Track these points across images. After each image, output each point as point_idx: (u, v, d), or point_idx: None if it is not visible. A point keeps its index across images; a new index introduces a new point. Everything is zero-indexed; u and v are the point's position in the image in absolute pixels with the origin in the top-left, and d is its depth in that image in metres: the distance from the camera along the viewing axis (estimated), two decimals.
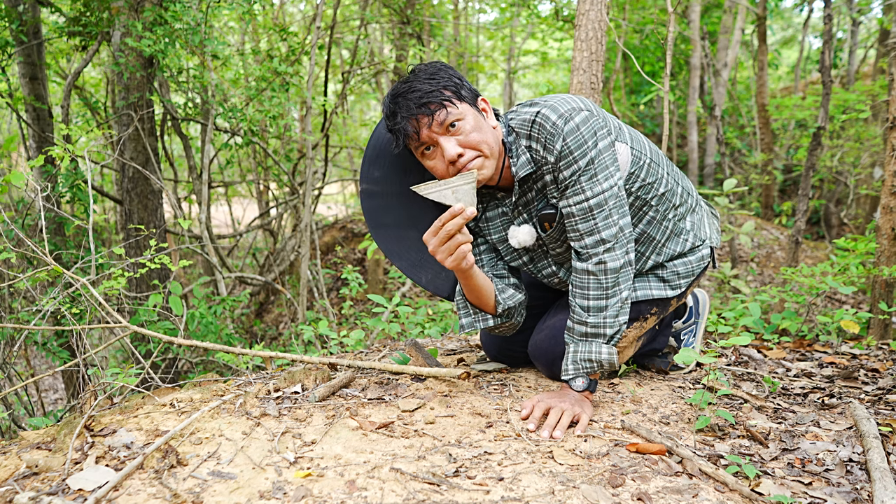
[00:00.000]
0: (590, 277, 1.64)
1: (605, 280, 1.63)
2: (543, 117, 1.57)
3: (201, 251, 4.99)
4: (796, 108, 8.70)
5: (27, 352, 4.39)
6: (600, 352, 1.65)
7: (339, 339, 2.78)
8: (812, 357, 2.35)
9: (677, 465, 1.37)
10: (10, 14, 4.37)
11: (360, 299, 6.67)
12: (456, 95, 1.57)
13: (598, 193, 1.59)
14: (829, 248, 7.37)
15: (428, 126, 1.54)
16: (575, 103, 1.58)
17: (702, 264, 1.85)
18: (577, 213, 1.61)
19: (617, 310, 1.65)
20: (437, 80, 1.56)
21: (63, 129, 2.66)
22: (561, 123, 1.55)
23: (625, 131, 1.71)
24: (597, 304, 1.64)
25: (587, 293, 1.65)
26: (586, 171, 1.57)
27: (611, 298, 1.64)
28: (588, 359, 1.66)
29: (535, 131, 1.59)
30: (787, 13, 14.42)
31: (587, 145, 1.56)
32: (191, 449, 1.35)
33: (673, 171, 1.83)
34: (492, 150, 1.60)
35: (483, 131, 1.58)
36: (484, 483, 1.26)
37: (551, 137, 1.56)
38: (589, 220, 1.61)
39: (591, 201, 1.59)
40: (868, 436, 1.52)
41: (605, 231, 1.61)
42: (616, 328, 1.66)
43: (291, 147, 6.97)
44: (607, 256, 1.62)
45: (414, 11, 5.93)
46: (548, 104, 1.59)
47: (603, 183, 1.58)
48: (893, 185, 2.75)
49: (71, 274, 2.09)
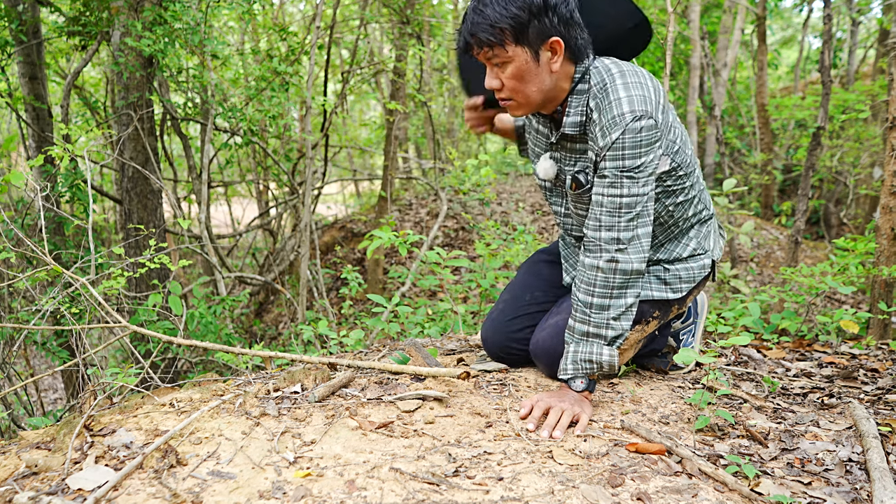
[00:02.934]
0: (598, 274, 1.63)
1: (613, 279, 1.62)
2: (619, 104, 1.54)
3: (201, 251, 4.99)
4: (796, 108, 8.70)
5: (27, 351, 4.39)
6: (601, 353, 1.65)
7: (338, 338, 2.78)
8: (811, 357, 2.36)
9: (677, 465, 1.38)
10: (9, 14, 4.37)
11: (360, 299, 6.67)
12: (514, 36, 1.52)
13: (633, 195, 1.59)
14: (828, 248, 7.37)
15: (477, 52, 1.57)
16: (650, 107, 1.54)
17: (703, 272, 1.86)
18: (606, 204, 1.61)
19: (619, 313, 1.64)
20: (507, 9, 1.50)
21: (63, 128, 2.66)
22: (629, 118, 1.53)
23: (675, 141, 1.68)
24: (600, 303, 1.63)
25: (592, 290, 1.64)
26: (630, 172, 1.57)
27: (615, 299, 1.63)
28: (588, 359, 1.65)
29: (605, 113, 1.56)
30: (786, 13, 14.42)
31: (641, 150, 1.55)
32: (190, 449, 1.35)
33: (698, 183, 1.82)
34: (529, 99, 1.60)
35: (525, 81, 1.57)
36: (483, 483, 1.26)
37: (613, 125, 1.54)
38: (614, 216, 1.60)
39: (624, 199, 1.59)
40: (867, 435, 1.52)
41: (623, 232, 1.61)
42: (618, 331, 1.65)
43: (291, 147, 6.97)
44: (620, 256, 1.61)
45: (414, 11, 5.93)
46: (629, 92, 1.54)
47: (642, 188, 1.59)
48: (893, 185, 2.75)
49: (70, 274, 2.09)
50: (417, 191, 8.95)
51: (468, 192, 7.28)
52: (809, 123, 8.88)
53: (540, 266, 2.11)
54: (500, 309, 2.02)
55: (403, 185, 9.44)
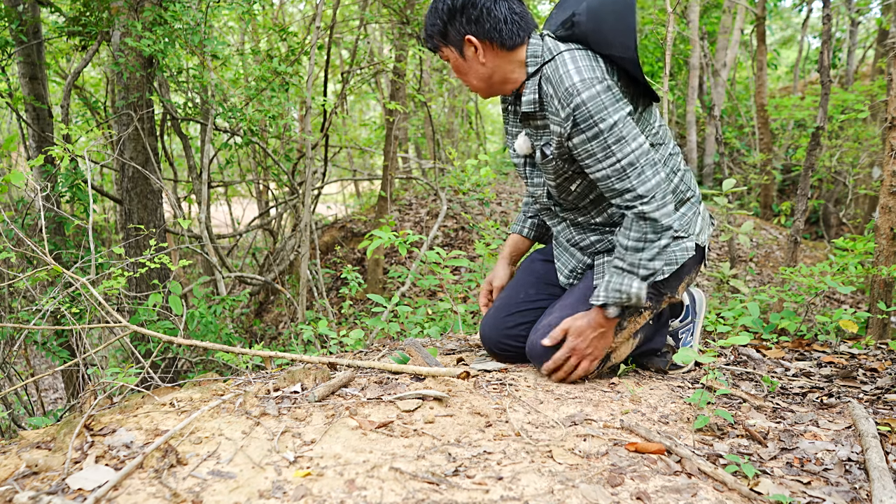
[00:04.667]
0: (632, 223, 1.73)
1: (645, 226, 1.71)
2: (568, 76, 1.66)
3: (201, 251, 4.99)
4: (795, 108, 8.71)
5: (27, 351, 4.39)
6: (631, 285, 1.75)
7: (338, 338, 2.78)
8: (811, 356, 2.36)
9: (676, 465, 1.38)
10: (9, 14, 4.37)
11: (360, 299, 6.67)
12: (442, 39, 1.78)
13: (628, 154, 1.67)
14: (827, 248, 7.37)
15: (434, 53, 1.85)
16: (599, 74, 1.67)
17: (685, 255, 1.88)
18: (611, 174, 1.69)
19: (653, 254, 1.73)
20: (430, 20, 1.77)
21: (63, 128, 2.66)
22: (581, 87, 1.65)
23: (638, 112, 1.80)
24: (634, 246, 1.73)
25: (628, 234, 1.74)
26: (610, 135, 1.65)
27: (648, 244, 1.73)
28: (618, 289, 1.75)
29: (558, 86, 1.68)
30: (785, 13, 14.42)
31: (608, 110, 1.64)
32: (190, 448, 1.35)
33: (673, 160, 1.90)
34: (475, 87, 1.82)
35: (464, 72, 1.81)
36: (483, 482, 1.26)
37: (568, 95, 1.66)
38: (625, 180, 1.69)
39: (622, 162, 1.67)
40: (867, 435, 1.52)
41: (640, 187, 1.68)
42: (650, 270, 1.75)
43: (291, 147, 6.97)
44: (646, 208, 1.69)
45: (413, 11, 5.93)
46: (576, 64, 1.67)
47: (631, 143, 1.67)
48: (892, 184, 2.75)
49: (71, 273, 2.09)
50: (417, 191, 8.95)
51: (468, 192, 7.28)
52: (808, 123, 8.88)
53: (536, 265, 2.16)
54: (497, 306, 2.07)
55: (403, 185, 9.44)
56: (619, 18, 1.71)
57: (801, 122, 9.35)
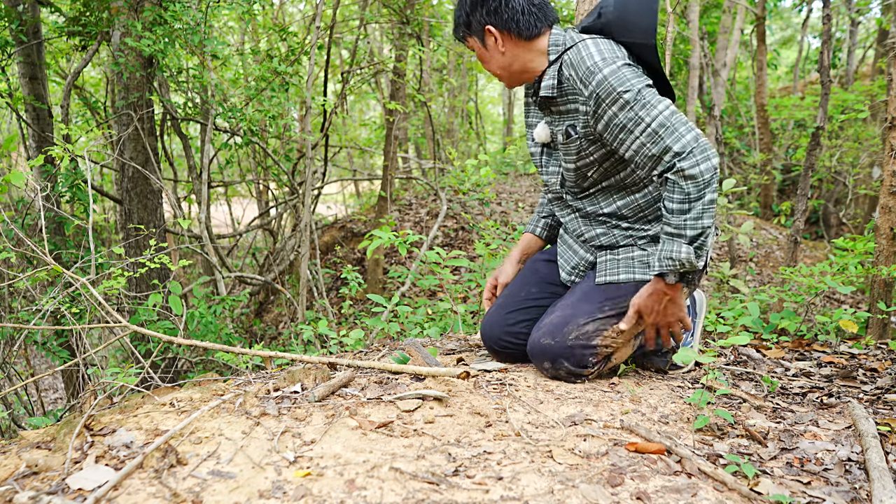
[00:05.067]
0: (673, 185, 1.69)
1: (686, 185, 1.67)
2: (589, 56, 1.72)
3: (201, 251, 4.99)
4: (795, 108, 8.71)
5: (27, 351, 4.39)
6: (680, 251, 1.72)
7: (338, 338, 2.78)
8: (811, 356, 2.36)
9: (676, 465, 1.38)
10: (9, 14, 4.37)
11: (360, 299, 6.67)
12: (466, 31, 1.87)
13: (657, 115, 1.68)
14: (827, 248, 7.37)
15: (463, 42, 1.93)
16: (620, 53, 1.75)
17: None
18: (645, 140, 1.69)
19: (699, 213, 1.69)
20: (457, 11, 1.87)
21: (63, 128, 2.66)
22: (601, 64, 1.70)
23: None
24: (679, 208, 1.70)
25: (672, 197, 1.71)
26: (637, 102, 1.68)
27: (693, 202, 1.68)
28: (669, 257, 1.73)
29: (580, 66, 1.74)
30: (785, 13, 14.42)
31: (630, 81, 1.69)
32: (190, 448, 1.35)
33: None
34: (497, 75, 1.91)
35: (486, 62, 1.89)
36: (483, 482, 1.26)
37: (590, 73, 1.72)
38: (659, 142, 1.68)
39: (653, 125, 1.68)
40: (867, 435, 1.52)
41: (676, 144, 1.66)
42: (698, 230, 1.70)
43: (291, 147, 6.97)
44: (684, 164, 1.66)
45: (413, 11, 5.93)
46: (597, 47, 1.74)
47: (659, 105, 1.68)
48: (892, 184, 2.75)
49: (70, 273, 2.09)
50: (417, 191, 8.95)
51: (468, 192, 7.28)
52: (808, 123, 8.89)
53: (538, 265, 2.17)
54: (499, 304, 2.09)
55: (403, 185, 9.44)
56: (644, 6, 1.78)
57: (801, 122, 9.35)
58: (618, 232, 1.94)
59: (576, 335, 1.85)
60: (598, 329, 1.86)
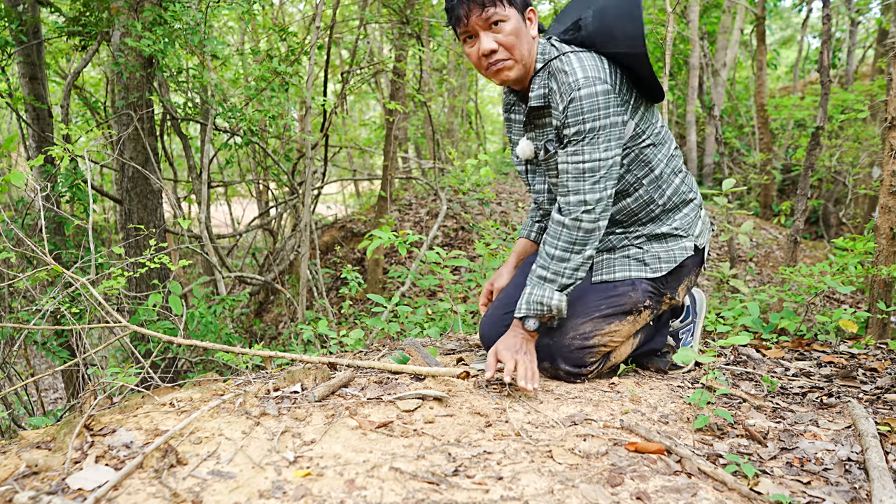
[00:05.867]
0: (563, 230, 1.77)
1: (575, 236, 1.76)
2: (572, 72, 1.69)
3: (201, 251, 4.99)
4: (795, 108, 8.71)
5: (27, 351, 4.39)
6: (552, 297, 1.78)
7: (338, 338, 2.78)
8: (811, 356, 2.36)
9: (676, 465, 1.38)
10: (9, 14, 4.37)
11: (360, 299, 6.67)
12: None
13: (595, 160, 1.71)
14: (827, 248, 7.37)
15: (477, 16, 1.70)
16: (603, 75, 1.70)
17: (684, 253, 1.90)
18: (571, 170, 1.74)
19: (578, 265, 1.78)
20: None
21: (63, 128, 2.66)
22: (583, 83, 1.67)
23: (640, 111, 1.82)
24: (560, 255, 1.78)
25: (556, 243, 1.78)
26: (590, 137, 1.69)
27: (575, 254, 1.77)
28: (540, 301, 1.78)
29: (561, 80, 1.71)
30: (785, 13, 14.42)
31: (600, 113, 1.68)
32: (190, 448, 1.35)
33: (673, 161, 1.91)
34: (523, 57, 1.76)
35: (521, 38, 1.74)
36: (483, 482, 1.26)
37: (568, 89, 1.69)
38: (579, 181, 1.73)
39: (586, 165, 1.72)
40: (866, 435, 1.52)
41: (590, 195, 1.73)
42: (572, 280, 1.79)
43: (291, 147, 6.97)
44: (585, 217, 1.74)
45: (413, 11, 5.93)
46: (581, 63, 1.70)
47: (602, 153, 1.71)
48: (892, 184, 2.75)
49: (70, 273, 2.09)
50: (417, 191, 8.95)
51: (468, 192, 7.28)
52: (808, 123, 8.89)
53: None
54: (496, 304, 2.10)
55: (403, 185, 9.44)
56: (624, 13, 1.73)
57: (801, 122, 9.35)
58: (613, 237, 1.94)
59: (573, 335, 1.85)
60: (596, 328, 1.86)
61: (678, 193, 1.90)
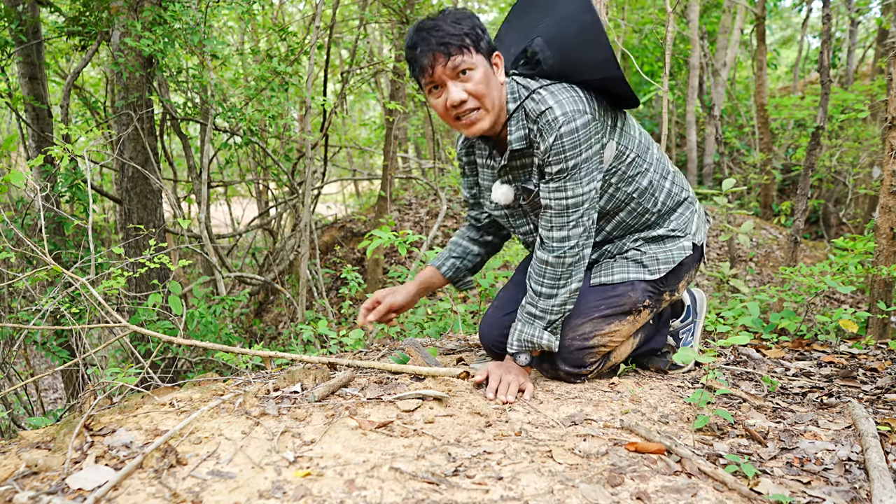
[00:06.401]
0: (547, 268, 1.77)
1: (560, 272, 1.76)
2: (550, 111, 1.65)
3: (201, 251, 4.99)
4: (795, 108, 8.71)
5: (27, 351, 4.39)
6: (541, 336, 1.80)
7: (338, 338, 2.78)
8: (811, 356, 2.36)
9: (676, 465, 1.38)
10: (9, 14, 4.37)
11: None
12: (475, 45, 1.64)
13: (577, 195, 1.70)
14: (827, 248, 7.37)
15: (442, 66, 1.62)
16: (581, 105, 1.65)
17: (682, 253, 1.89)
18: (554, 206, 1.73)
19: (565, 299, 1.79)
20: (462, 25, 1.64)
21: (62, 128, 2.66)
22: (562, 120, 1.63)
23: (618, 127, 1.79)
24: (547, 293, 1.78)
25: (542, 280, 1.79)
26: (572, 174, 1.68)
27: (561, 289, 1.78)
28: (529, 340, 1.81)
29: (540, 120, 1.66)
30: (785, 13, 14.43)
31: (581, 147, 1.66)
32: (190, 448, 1.35)
33: (662, 168, 1.89)
34: (493, 105, 1.68)
35: (490, 86, 1.66)
36: (483, 482, 1.26)
37: (549, 128, 1.65)
38: (563, 217, 1.73)
39: (569, 201, 1.71)
40: (866, 435, 1.52)
41: (573, 229, 1.73)
42: (559, 315, 1.80)
43: (291, 147, 6.97)
44: (569, 252, 1.75)
45: (413, 11, 5.93)
46: (556, 98, 1.65)
47: (585, 186, 1.70)
48: (892, 184, 2.75)
49: (70, 273, 2.09)
50: (417, 191, 8.95)
51: None
52: (808, 123, 8.89)
53: None
54: (496, 305, 2.08)
55: (403, 185, 9.44)
56: (588, 40, 1.67)
57: (801, 122, 9.35)
58: (609, 245, 1.93)
59: (573, 335, 1.85)
60: (595, 329, 1.85)
61: (671, 196, 1.89)
